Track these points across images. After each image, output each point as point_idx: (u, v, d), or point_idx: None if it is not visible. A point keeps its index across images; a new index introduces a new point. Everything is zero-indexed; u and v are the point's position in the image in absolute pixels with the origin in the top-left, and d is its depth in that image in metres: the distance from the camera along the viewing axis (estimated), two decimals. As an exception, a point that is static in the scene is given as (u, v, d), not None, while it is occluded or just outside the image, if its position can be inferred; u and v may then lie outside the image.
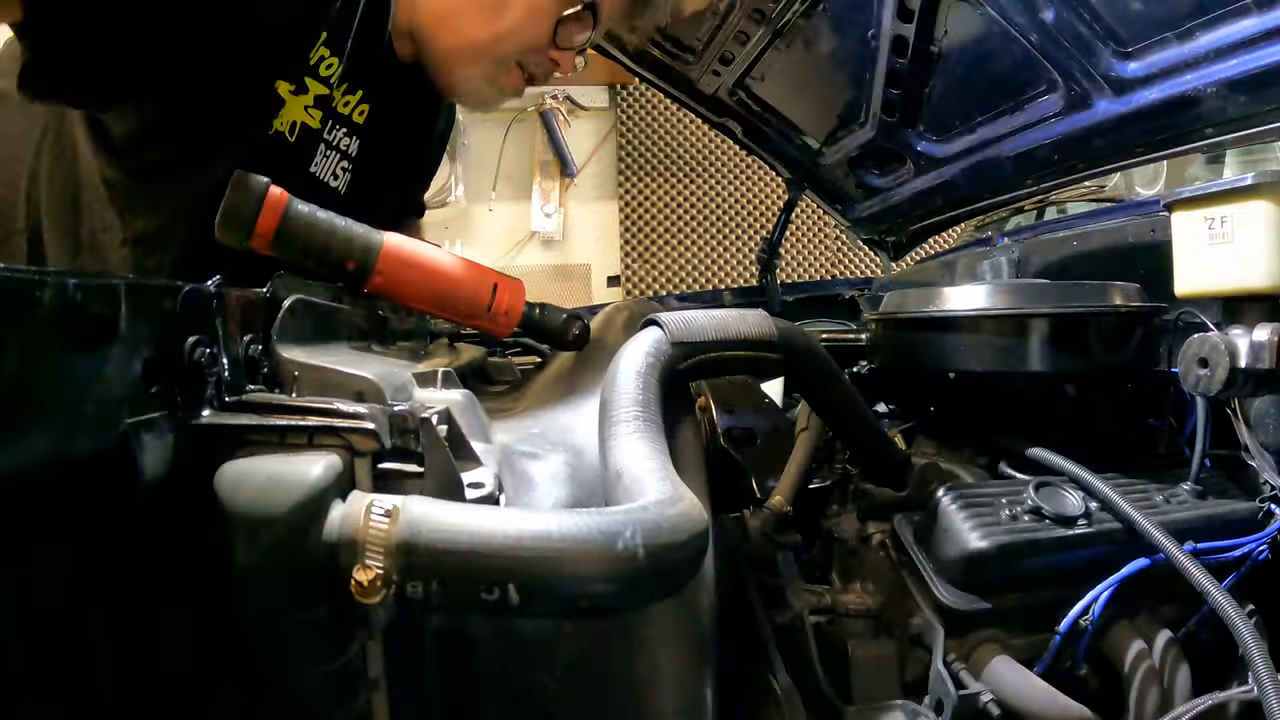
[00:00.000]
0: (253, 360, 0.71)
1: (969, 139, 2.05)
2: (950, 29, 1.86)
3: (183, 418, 0.58)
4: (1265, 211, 1.05)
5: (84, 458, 0.49)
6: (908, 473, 1.14)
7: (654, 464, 0.68)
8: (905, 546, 1.09)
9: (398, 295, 1.04)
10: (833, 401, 1.05)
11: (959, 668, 0.97)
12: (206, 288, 0.63)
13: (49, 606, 0.51)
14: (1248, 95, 1.39)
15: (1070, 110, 1.74)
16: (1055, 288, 1.30)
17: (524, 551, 0.51)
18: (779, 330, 0.93)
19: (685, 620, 0.78)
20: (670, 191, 6.07)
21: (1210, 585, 0.95)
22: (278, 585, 0.53)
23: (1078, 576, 1.04)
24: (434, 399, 0.85)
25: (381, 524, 0.53)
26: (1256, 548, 1.11)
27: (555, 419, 0.94)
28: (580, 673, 0.74)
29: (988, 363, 1.25)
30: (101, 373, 0.50)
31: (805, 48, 2.19)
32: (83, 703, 0.53)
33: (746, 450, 1.47)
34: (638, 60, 2.44)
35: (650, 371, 0.82)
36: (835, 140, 2.44)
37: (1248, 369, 1.03)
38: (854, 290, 2.81)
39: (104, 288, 0.51)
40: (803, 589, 1.19)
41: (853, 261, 6.27)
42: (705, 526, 0.59)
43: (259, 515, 0.53)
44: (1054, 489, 1.12)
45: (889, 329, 1.43)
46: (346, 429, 0.60)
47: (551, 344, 1.18)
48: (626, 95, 6.07)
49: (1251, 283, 1.07)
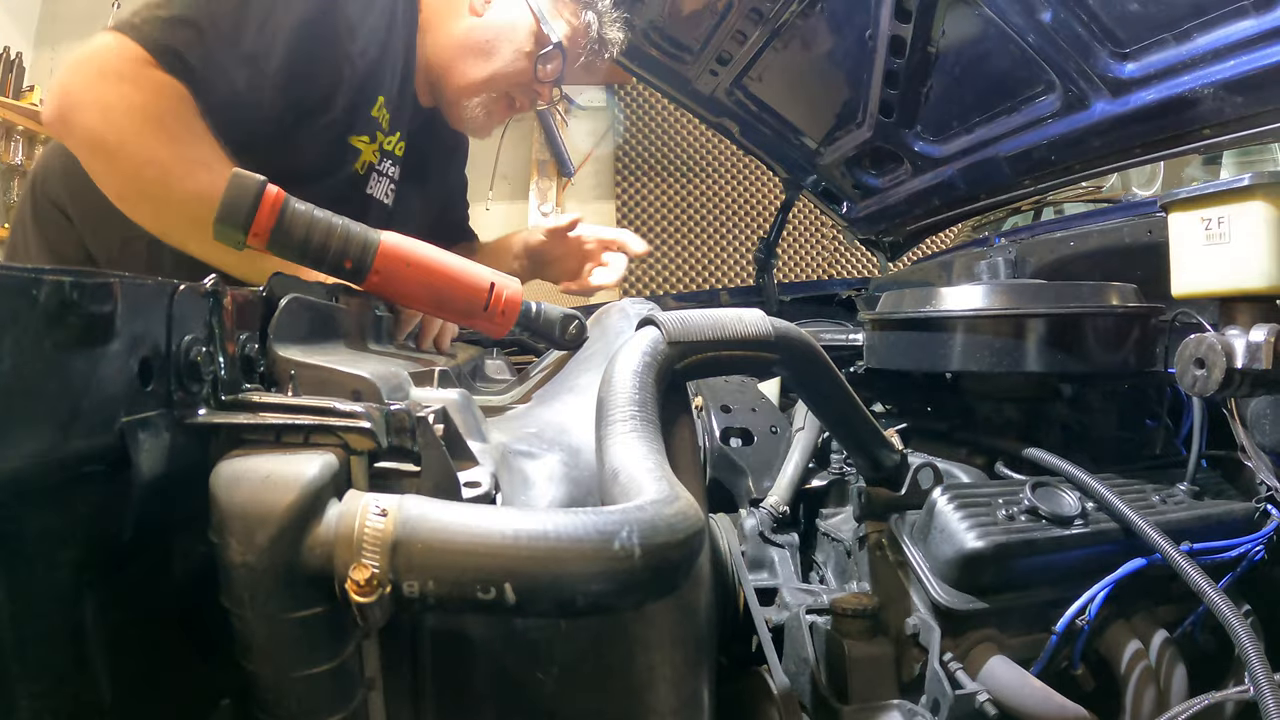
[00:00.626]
0: (249, 359, 0.71)
1: (966, 139, 2.06)
2: (948, 29, 1.86)
3: (179, 416, 0.58)
4: (1262, 212, 1.06)
5: (80, 455, 0.49)
6: (904, 473, 1.14)
7: (650, 463, 0.68)
8: (902, 546, 1.09)
9: (395, 294, 1.04)
10: (829, 401, 1.05)
11: (955, 667, 0.97)
12: (203, 286, 0.63)
13: (46, 605, 0.50)
14: (1245, 96, 1.39)
15: (1067, 111, 1.74)
16: (1052, 288, 1.30)
17: (520, 551, 0.51)
18: (776, 330, 0.93)
19: (682, 619, 0.78)
20: (667, 191, 6.08)
21: (1206, 585, 0.95)
22: (274, 584, 0.53)
23: (1074, 576, 1.04)
24: (430, 398, 0.85)
25: (378, 523, 0.53)
26: (1253, 548, 1.12)
27: (552, 418, 0.94)
28: (577, 672, 0.74)
29: (984, 363, 1.25)
30: (98, 371, 0.50)
31: (803, 48, 2.20)
32: (79, 701, 0.53)
33: (743, 450, 1.47)
34: (635, 60, 2.44)
35: (647, 371, 0.81)
36: (832, 140, 2.44)
37: (1244, 369, 1.03)
38: (851, 290, 2.81)
39: (100, 286, 0.51)
40: (799, 589, 1.19)
41: (849, 261, 6.27)
42: (702, 526, 0.59)
43: (255, 514, 0.53)
44: (1050, 489, 1.12)
45: (886, 329, 1.43)
46: (343, 428, 0.60)
47: (548, 343, 1.18)
48: (624, 95, 6.07)
49: (1248, 283, 1.07)
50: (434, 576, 0.51)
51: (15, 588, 0.48)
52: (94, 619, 0.54)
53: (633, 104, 6.09)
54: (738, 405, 1.56)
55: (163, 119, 1.31)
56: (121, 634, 0.56)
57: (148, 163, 1.30)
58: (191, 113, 1.34)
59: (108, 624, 0.55)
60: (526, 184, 6.07)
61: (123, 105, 1.30)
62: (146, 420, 0.55)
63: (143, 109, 1.30)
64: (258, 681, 0.56)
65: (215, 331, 0.64)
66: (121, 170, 1.33)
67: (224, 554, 0.53)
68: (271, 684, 0.56)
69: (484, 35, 1.76)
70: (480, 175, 5.83)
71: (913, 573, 1.06)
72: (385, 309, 1.20)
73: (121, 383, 0.53)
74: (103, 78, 1.32)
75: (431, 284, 1.04)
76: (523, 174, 6.08)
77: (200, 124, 1.35)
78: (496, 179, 5.99)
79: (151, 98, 1.31)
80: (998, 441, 1.32)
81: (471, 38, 1.77)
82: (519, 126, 5.95)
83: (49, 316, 0.46)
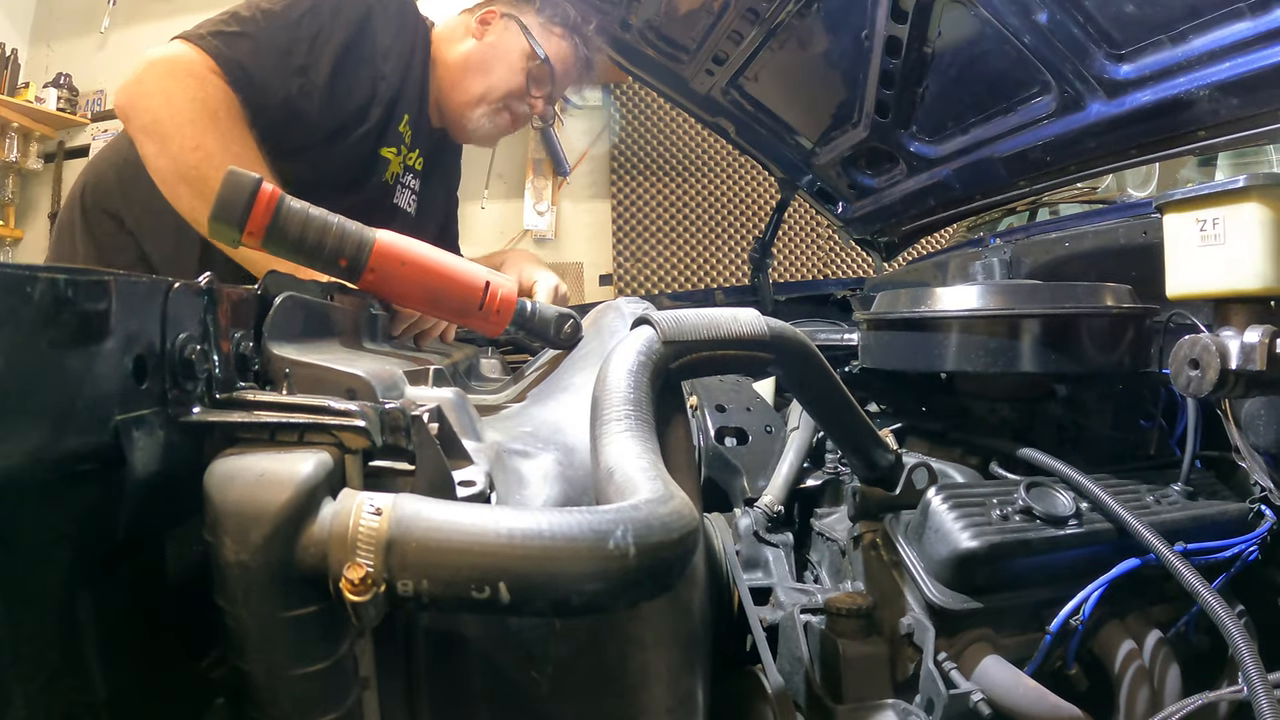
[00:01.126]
0: (244, 357, 0.71)
1: (962, 140, 2.06)
2: (944, 30, 1.86)
3: (173, 414, 0.58)
4: (1257, 213, 1.06)
5: (74, 453, 0.49)
6: (899, 472, 1.14)
7: (645, 463, 0.67)
8: (896, 546, 1.10)
9: (390, 292, 1.04)
10: (824, 401, 1.05)
11: (950, 667, 0.97)
12: (198, 284, 0.63)
13: (40, 603, 0.50)
14: (1240, 98, 1.39)
15: (1063, 112, 1.75)
16: (1047, 289, 1.30)
17: (515, 550, 0.51)
18: (771, 329, 0.93)
19: (676, 619, 0.78)
20: (663, 190, 6.08)
21: (1200, 586, 0.95)
22: (268, 583, 0.53)
23: (1068, 577, 1.04)
24: (425, 397, 0.84)
25: (372, 522, 0.52)
26: (1246, 548, 1.12)
27: (546, 417, 0.93)
28: (571, 671, 0.74)
29: (979, 363, 1.25)
30: (92, 368, 0.50)
31: (799, 48, 2.20)
32: (73, 699, 0.53)
33: (738, 449, 1.48)
34: (631, 59, 2.44)
35: (642, 370, 0.81)
36: (828, 140, 2.45)
37: (1238, 370, 1.03)
38: (846, 290, 2.81)
39: (95, 284, 0.50)
40: (794, 588, 1.19)
41: (845, 261, 6.27)
42: (696, 525, 0.59)
43: (250, 512, 0.53)
44: (1045, 489, 1.12)
45: (881, 329, 1.43)
46: (337, 426, 0.59)
47: (543, 342, 1.18)
48: (620, 94, 6.07)
49: (1242, 284, 1.07)
50: (428, 575, 0.51)
51: (9, 586, 0.47)
52: (88, 617, 0.54)
53: (629, 103, 6.09)
54: (733, 405, 1.56)
55: (216, 114, 1.51)
56: (116, 632, 0.56)
57: (195, 148, 1.47)
58: (242, 120, 1.55)
59: (102, 622, 0.55)
60: (522, 183, 6.07)
61: (185, 96, 1.50)
62: (141, 418, 0.54)
63: (202, 103, 1.51)
64: (252, 680, 0.55)
65: (210, 329, 0.64)
66: (171, 153, 1.49)
67: (218, 552, 0.53)
68: (266, 683, 0.55)
69: (482, 55, 2.00)
70: (476, 174, 5.84)
71: (907, 572, 1.07)
72: (381, 307, 1.20)
73: (116, 381, 0.52)
74: (172, 74, 1.52)
75: (426, 283, 1.04)
76: (518, 173, 6.08)
77: (248, 131, 1.55)
78: (492, 178, 6.00)
79: (211, 96, 1.52)
80: (992, 441, 1.32)
81: (472, 58, 2.01)
82: (515, 125, 5.94)
83: (44, 314, 0.46)
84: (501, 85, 2.00)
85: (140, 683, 0.59)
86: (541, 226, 6.07)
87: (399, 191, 2.05)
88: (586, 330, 1.18)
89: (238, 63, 1.57)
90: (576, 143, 6.12)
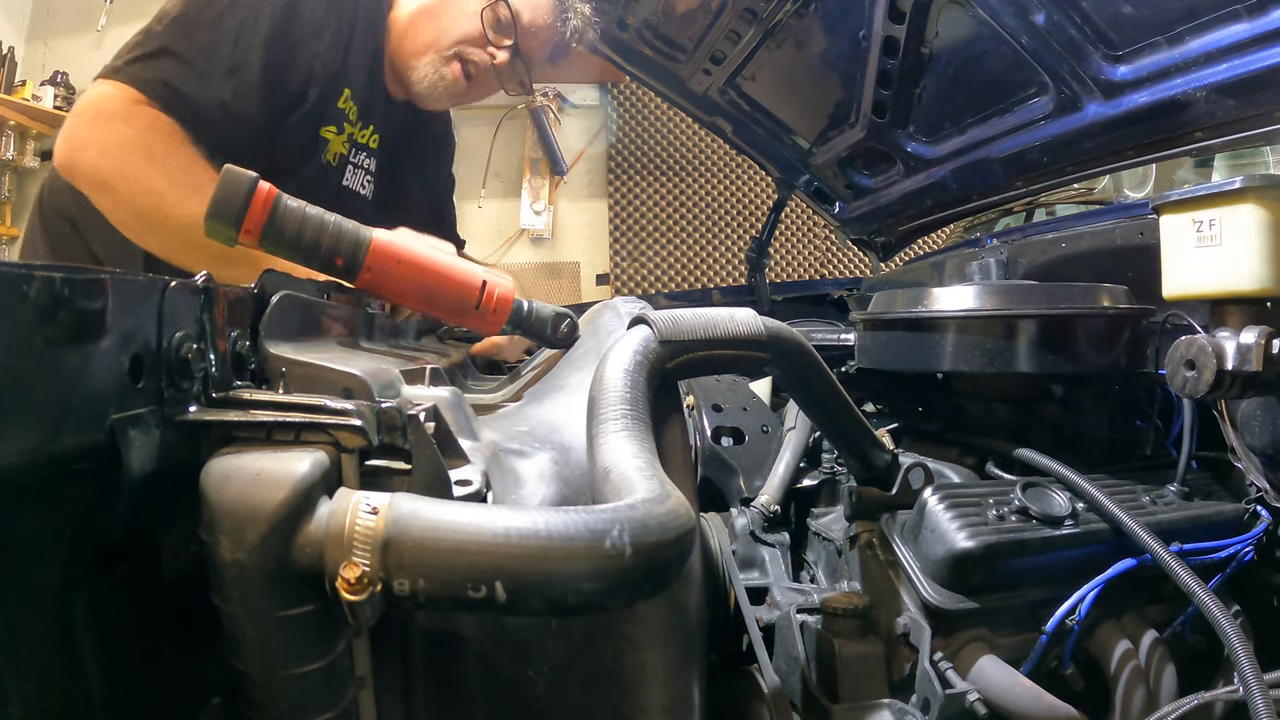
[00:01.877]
0: (240, 356, 0.70)
1: (959, 140, 2.06)
2: (941, 30, 1.87)
3: (169, 413, 0.58)
4: (1253, 215, 1.06)
5: (70, 452, 0.49)
6: (895, 472, 1.14)
7: (642, 462, 0.67)
8: (892, 546, 1.10)
9: (387, 291, 1.03)
10: (821, 401, 1.05)
11: (946, 667, 0.97)
12: (194, 283, 0.63)
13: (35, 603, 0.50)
14: (1237, 99, 1.39)
15: (1060, 113, 1.75)
16: (1043, 289, 1.30)
17: (511, 549, 0.51)
18: (768, 329, 0.93)
19: (673, 618, 0.78)
20: (660, 190, 6.08)
21: (1196, 586, 0.96)
22: (264, 582, 0.53)
23: (1064, 577, 1.04)
24: (422, 396, 0.84)
25: (369, 521, 0.52)
26: (1242, 549, 1.12)
27: (543, 417, 0.93)
28: (567, 670, 0.74)
29: (976, 364, 1.25)
30: (88, 367, 0.50)
31: (796, 47, 2.20)
32: (69, 699, 0.53)
33: (735, 449, 1.48)
34: (628, 58, 2.44)
35: (638, 370, 0.81)
36: (825, 140, 2.45)
37: (1234, 371, 1.04)
38: (843, 290, 2.81)
39: (91, 282, 0.50)
40: (790, 588, 1.19)
41: (842, 261, 6.28)
42: (693, 525, 0.59)
43: (246, 512, 0.53)
44: (1041, 489, 1.12)
45: (878, 329, 1.43)
46: (334, 425, 0.59)
47: (540, 342, 1.18)
48: (617, 93, 6.07)
49: (1239, 285, 1.07)
50: (425, 575, 0.51)
51: (4, 585, 0.47)
52: (84, 617, 0.54)
53: (626, 103, 6.09)
54: (729, 404, 1.56)
55: (153, 151, 1.44)
56: (111, 632, 0.56)
57: (145, 192, 1.42)
58: (181, 142, 1.46)
59: (97, 622, 0.54)
60: (519, 182, 6.07)
61: (117, 142, 1.44)
62: (137, 417, 0.54)
63: (136, 144, 1.44)
64: (248, 680, 0.55)
65: (206, 328, 0.64)
66: (123, 203, 1.45)
67: (214, 552, 0.53)
68: (262, 682, 0.55)
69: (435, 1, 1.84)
70: (473, 173, 5.83)
71: (903, 572, 1.07)
72: (377, 306, 1.20)
73: (112, 379, 0.52)
74: (98, 120, 1.46)
75: (423, 282, 1.04)
76: (515, 172, 6.08)
77: (190, 151, 1.46)
78: (489, 177, 6.00)
79: (143, 133, 1.45)
80: (989, 442, 1.32)
81: (424, 5, 1.84)
82: (512, 124, 5.95)
83: (40, 312, 0.46)
84: (453, 29, 1.81)
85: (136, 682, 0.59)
86: (538, 226, 6.07)
87: (349, 172, 1.91)
88: (583, 330, 1.17)
89: (162, 83, 1.47)
90: (574, 142, 6.12)
